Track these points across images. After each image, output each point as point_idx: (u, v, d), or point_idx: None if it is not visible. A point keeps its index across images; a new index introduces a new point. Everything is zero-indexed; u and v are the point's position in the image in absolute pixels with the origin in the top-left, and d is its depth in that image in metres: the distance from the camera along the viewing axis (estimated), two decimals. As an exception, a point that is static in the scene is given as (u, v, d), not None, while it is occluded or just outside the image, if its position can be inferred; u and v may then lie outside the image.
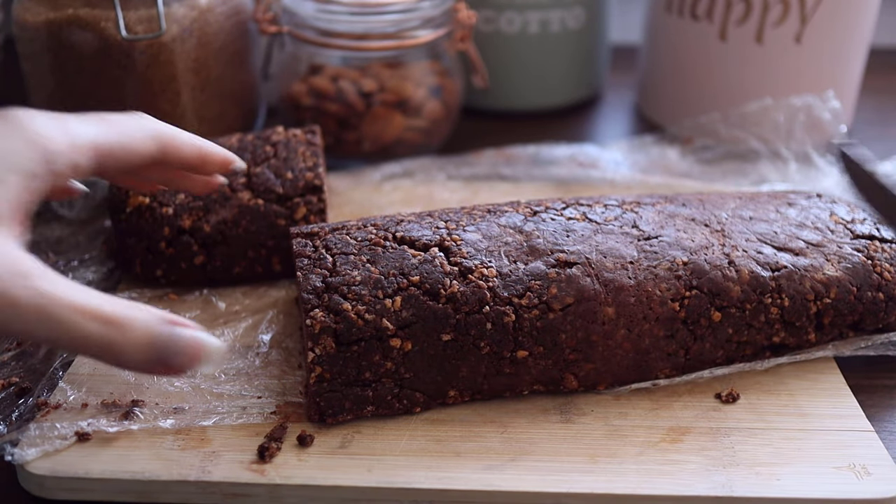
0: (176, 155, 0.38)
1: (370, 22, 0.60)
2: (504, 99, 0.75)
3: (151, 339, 0.31)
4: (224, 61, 0.59)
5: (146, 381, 0.42)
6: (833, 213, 0.47)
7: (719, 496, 0.36)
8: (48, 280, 0.29)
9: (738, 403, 0.41)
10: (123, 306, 0.31)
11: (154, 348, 0.31)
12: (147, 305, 0.32)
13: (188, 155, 0.38)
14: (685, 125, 0.68)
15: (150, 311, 0.31)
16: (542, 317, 0.39)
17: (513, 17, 0.71)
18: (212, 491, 0.36)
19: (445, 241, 0.42)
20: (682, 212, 0.45)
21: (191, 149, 0.38)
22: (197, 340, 0.32)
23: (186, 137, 0.38)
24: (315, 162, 0.51)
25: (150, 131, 0.36)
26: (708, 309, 0.41)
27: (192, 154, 0.38)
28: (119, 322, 0.30)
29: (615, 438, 0.39)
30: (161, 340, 0.31)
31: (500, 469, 0.37)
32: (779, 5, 0.63)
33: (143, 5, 0.54)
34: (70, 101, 0.57)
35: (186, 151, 0.38)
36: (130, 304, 0.31)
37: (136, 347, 0.31)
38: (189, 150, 0.38)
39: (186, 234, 0.48)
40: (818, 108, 0.63)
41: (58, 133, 0.32)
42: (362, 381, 0.39)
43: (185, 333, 0.32)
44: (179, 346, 0.31)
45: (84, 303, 0.30)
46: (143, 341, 0.31)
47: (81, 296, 0.30)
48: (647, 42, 0.73)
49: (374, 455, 0.38)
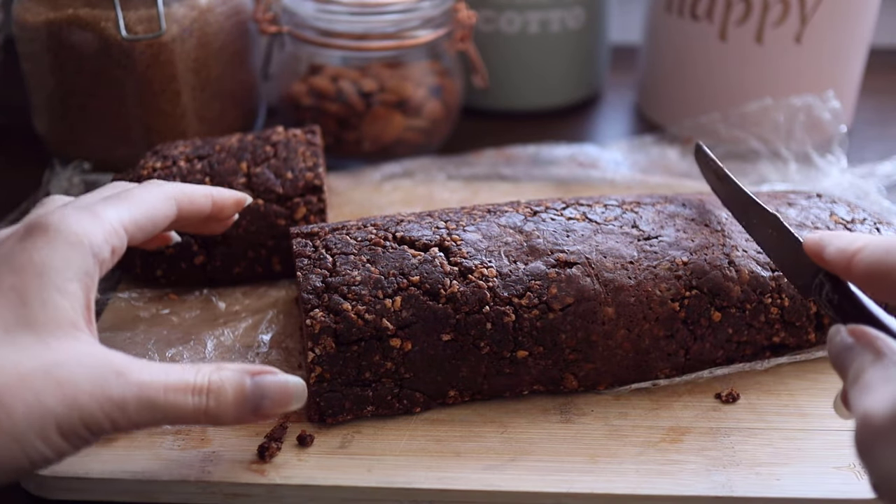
0: (192, 210, 0.40)
1: (370, 22, 0.60)
2: (504, 99, 0.75)
3: (243, 396, 0.34)
4: (224, 61, 0.59)
5: (146, 381, 0.42)
6: (833, 213, 0.47)
7: (719, 496, 0.36)
8: (140, 370, 0.32)
9: (738, 403, 0.41)
10: (209, 371, 0.33)
11: (247, 403, 0.34)
12: (229, 363, 0.34)
13: (203, 206, 0.40)
14: (685, 125, 0.68)
15: (234, 368, 0.34)
16: (542, 317, 0.39)
17: (513, 17, 0.71)
18: (212, 491, 0.36)
19: (445, 241, 0.42)
20: (682, 212, 0.45)
21: (204, 200, 0.40)
22: (283, 385, 0.35)
23: (199, 190, 0.40)
24: (315, 162, 0.51)
25: (167, 196, 0.38)
26: (708, 309, 0.41)
27: (207, 204, 0.40)
28: (210, 389, 0.33)
29: (615, 438, 0.39)
30: (252, 394, 0.34)
31: (499, 469, 0.37)
32: (779, 5, 0.63)
33: (143, 5, 0.54)
34: (70, 101, 0.57)
35: (201, 203, 0.40)
36: (215, 367, 0.34)
37: (231, 407, 0.33)
38: (203, 201, 0.40)
39: (186, 234, 0.48)
40: (818, 108, 0.63)
41: (93, 226, 0.34)
42: (362, 381, 0.39)
43: (270, 380, 0.34)
44: (269, 395, 0.34)
45: (176, 380, 0.32)
46: (236, 400, 0.33)
47: (172, 374, 0.32)
48: (647, 42, 0.73)
49: (374, 455, 0.38)
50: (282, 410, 0.35)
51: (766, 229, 0.41)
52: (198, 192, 0.40)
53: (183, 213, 0.39)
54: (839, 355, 0.32)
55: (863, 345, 0.31)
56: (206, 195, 0.41)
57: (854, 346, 0.32)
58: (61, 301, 0.31)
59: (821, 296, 0.35)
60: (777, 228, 0.40)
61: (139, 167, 0.50)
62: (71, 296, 0.32)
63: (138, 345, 0.44)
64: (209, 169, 0.50)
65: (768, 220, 0.40)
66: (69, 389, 0.30)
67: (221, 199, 0.42)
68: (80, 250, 0.33)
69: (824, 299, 0.35)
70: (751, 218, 0.42)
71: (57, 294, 0.31)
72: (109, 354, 0.32)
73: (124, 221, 0.35)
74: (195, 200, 0.40)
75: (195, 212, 0.40)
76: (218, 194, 0.41)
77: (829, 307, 0.35)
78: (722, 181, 0.45)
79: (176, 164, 0.50)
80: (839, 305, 0.34)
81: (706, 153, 0.47)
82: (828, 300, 0.35)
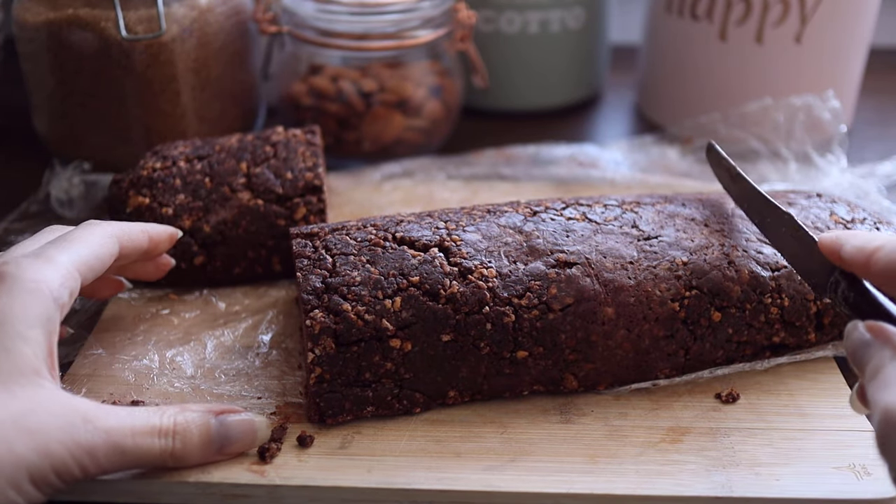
0: (132, 247, 0.41)
1: (370, 22, 0.60)
2: (504, 99, 0.75)
3: (209, 436, 0.35)
4: (224, 61, 0.59)
5: (146, 381, 0.42)
6: (833, 212, 0.47)
7: (719, 496, 0.36)
8: (106, 416, 0.32)
9: (737, 403, 0.41)
10: (174, 413, 0.34)
11: (213, 443, 0.35)
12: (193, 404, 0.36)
13: (141, 242, 0.41)
14: (685, 125, 0.68)
15: (198, 408, 0.35)
16: (541, 317, 0.39)
17: (513, 17, 0.71)
18: (212, 492, 0.36)
19: (445, 241, 0.41)
20: (682, 212, 0.45)
21: (141, 236, 0.41)
22: (247, 423, 0.36)
23: (135, 227, 0.41)
24: (315, 162, 0.51)
25: (109, 234, 0.39)
26: (708, 309, 0.41)
27: (144, 240, 0.42)
28: (176, 431, 0.34)
29: (615, 439, 0.39)
30: (217, 434, 0.35)
31: (499, 469, 0.37)
32: (779, 5, 0.63)
33: (143, 5, 0.54)
34: (70, 101, 0.57)
35: (139, 240, 0.41)
36: (179, 409, 0.35)
37: (198, 448, 0.35)
38: (140, 237, 0.41)
39: (186, 234, 0.48)
40: (818, 107, 0.63)
41: (50, 271, 0.34)
42: (362, 381, 0.39)
43: (234, 419, 0.36)
44: (234, 433, 0.36)
45: (142, 424, 0.33)
46: (202, 441, 0.35)
47: (138, 418, 0.33)
48: (647, 42, 0.73)
49: (374, 456, 0.38)
50: (246, 448, 0.37)
51: (780, 228, 0.41)
52: (135, 228, 0.41)
53: (124, 250, 0.40)
54: (857, 351, 0.32)
55: (882, 341, 0.31)
56: (143, 231, 0.42)
57: (873, 343, 0.32)
58: (24, 348, 0.32)
59: (836, 294, 0.36)
60: (792, 227, 0.40)
61: (139, 167, 0.50)
62: (34, 342, 0.32)
63: (138, 345, 0.44)
64: (209, 169, 0.50)
65: (783, 219, 0.40)
66: (40, 438, 0.30)
67: (157, 234, 0.43)
68: (39, 297, 0.33)
69: (840, 297, 0.35)
70: (764, 217, 0.42)
71: (20, 341, 0.32)
72: (75, 401, 0.32)
73: (76, 263, 0.36)
74: (133, 237, 0.41)
75: (134, 248, 0.41)
76: (153, 230, 0.43)
77: (844, 305, 0.35)
78: (735, 180, 0.45)
79: (176, 165, 0.50)
80: (855, 303, 0.34)
81: (719, 152, 0.47)
82: (843, 298, 0.35)
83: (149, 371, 0.42)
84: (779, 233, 0.41)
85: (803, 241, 0.39)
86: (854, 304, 0.35)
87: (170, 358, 0.43)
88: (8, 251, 0.37)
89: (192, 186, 0.49)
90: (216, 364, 0.43)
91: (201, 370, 0.43)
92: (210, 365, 0.43)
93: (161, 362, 0.43)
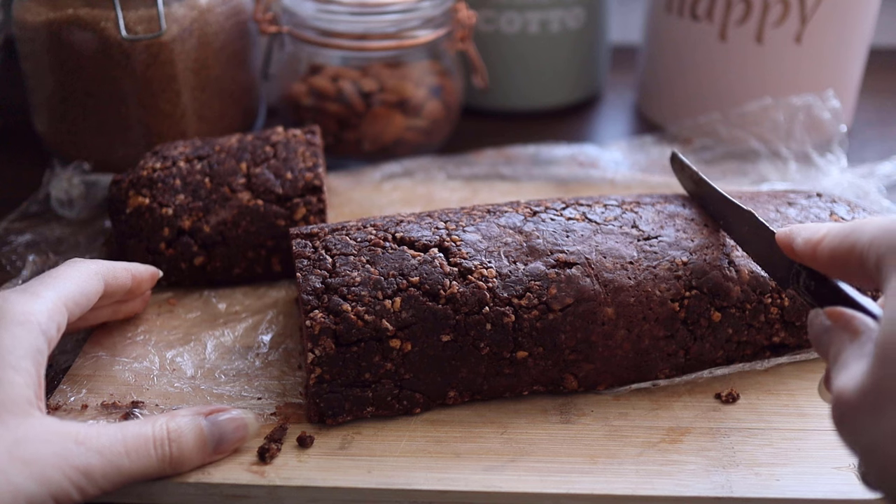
0: (116, 284, 0.41)
1: (370, 22, 0.60)
2: (504, 99, 0.75)
3: (202, 437, 0.36)
4: (224, 61, 0.59)
5: (146, 382, 0.42)
6: (833, 212, 0.47)
7: (719, 497, 0.36)
8: (98, 436, 0.33)
9: (737, 403, 0.41)
10: (164, 421, 0.35)
11: (208, 443, 0.36)
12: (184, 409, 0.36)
13: (125, 280, 0.42)
14: (685, 125, 0.68)
15: (186, 412, 0.36)
16: (541, 317, 0.39)
17: (513, 17, 0.71)
18: (212, 492, 0.36)
19: (445, 241, 0.41)
20: (682, 212, 0.45)
21: (125, 273, 0.42)
22: (237, 419, 0.37)
23: (119, 265, 0.42)
24: (315, 162, 0.51)
25: (94, 272, 0.40)
26: (708, 309, 0.41)
27: (128, 278, 0.43)
28: (170, 438, 0.35)
29: (615, 439, 0.39)
30: (210, 433, 0.36)
31: (499, 470, 0.37)
32: (779, 5, 0.63)
33: (143, 5, 0.54)
34: (70, 101, 0.57)
35: (123, 277, 0.42)
36: (168, 416, 0.35)
37: (194, 451, 0.35)
38: (124, 275, 0.42)
39: (186, 234, 0.48)
40: (818, 107, 0.63)
41: (38, 305, 0.35)
42: (362, 381, 0.39)
43: (225, 417, 0.37)
44: (226, 430, 0.36)
45: (135, 437, 0.33)
46: (197, 443, 0.35)
47: (130, 432, 0.34)
48: (647, 42, 0.73)
49: (374, 456, 0.38)
50: (240, 444, 0.37)
51: (742, 227, 0.41)
52: (118, 267, 0.42)
53: (108, 288, 0.41)
54: (819, 338, 0.33)
55: (840, 326, 0.32)
56: (126, 270, 0.42)
57: (832, 328, 0.32)
58: (16, 378, 0.32)
59: (798, 284, 0.36)
60: (752, 224, 0.40)
61: (139, 167, 0.50)
62: (24, 373, 0.33)
63: (138, 345, 0.44)
64: (209, 169, 0.50)
65: (744, 217, 0.41)
66: (36, 466, 0.31)
67: (139, 273, 0.44)
68: (28, 329, 0.34)
69: (802, 287, 0.36)
70: (727, 217, 0.43)
71: (11, 372, 0.32)
72: (66, 426, 0.33)
73: (63, 298, 0.37)
74: (118, 275, 0.42)
75: (119, 286, 0.42)
76: (135, 269, 0.43)
77: (807, 294, 0.36)
78: (698, 185, 0.46)
79: (175, 165, 0.50)
80: (817, 292, 0.35)
81: (681, 160, 0.48)
82: (805, 288, 0.36)
83: (149, 372, 0.42)
84: (741, 231, 0.42)
85: (764, 236, 0.39)
86: (816, 293, 0.35)
87: (170, 359, 0.43)
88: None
89: (191, 187, 0.49)
90: (216, 364, 0.43)
91: (201, 371, 0.43)
92: (210, 365, 0.43)
93: (161, 363, 0.43)
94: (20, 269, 0.51)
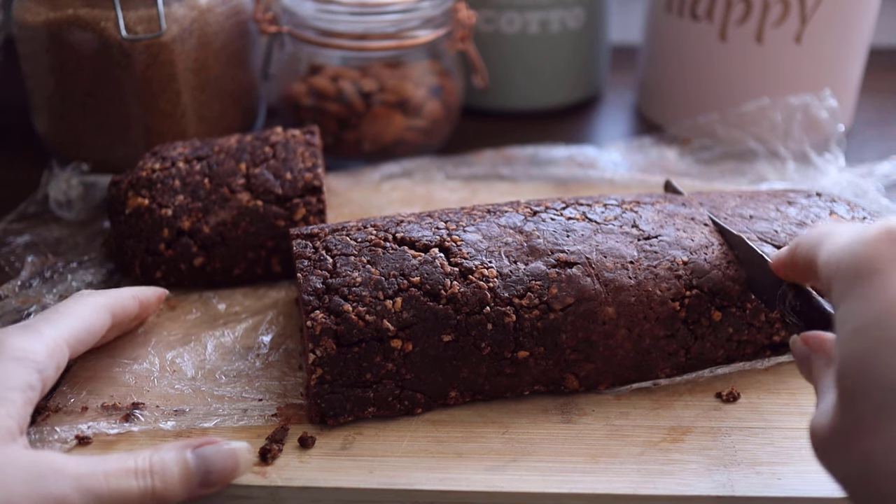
0: (124, 315, 0.42)
1: (370, 22, 0.60)
2: (504, 99, 0.75)
3: (188, 471, 0.34)
4: (224, 61, 0.59)
5: (146, 383, 0.42)
6: (833, 211, 0.47)
7: (721, 496, 0.36)
8: (77, 464, 0.32)
9: (738, 402, 0.41)
10: (148, 454, 0.34)
11: (194, 477, 0.34)
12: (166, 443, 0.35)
13: (132, 309, 0.42)
14: (683, 126, 0.68)
15: (172, 446, 0.34)
16: (542, 317, 0.39)
17: (513, 17, 0.71)
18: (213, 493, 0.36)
19: (445, 241, 0.41)
20: (682, 211, 0.45)
21: (132, 302, 0.42)
22: (227, 452, 0.35)
23: (125, 294, 0.42)
24: (314, 163, 0.51)
25: (101, 306, 0.40)
26: (708, 308, 0.41)
27: (135, 306, 0.43)
28: (153, 470, 0.33)
29: (616, 438, 0.39)
30: (196, 468, 0.34)
31: (501, 470, 0.37)
32: (779, 5, 0.63)
33: (143, 5, 0.54)
34: (70, 101, 0.57)
35: (130, 307, 0.42)
36: (153, 450, 0.34)
37: (178, 485, 0.34)
38: (131, 304, 0.42)
39: (186, 235, 0.48)
40: (815, 107, 0.63)
41: (38, 344, 0.35)
42: (363, 382, 0.39)
43: (213, 450, 0.35)
44: (214, 465, 0.34)
45: (115, 466, 0.33)
46: (182, 477, 0.34)
47: (110, 461, 0.33)
48: (647, 42, 0.73)
49: (376, 456, 0.38)
50: (230, 479, 0.35)
51: (732, 249, 0.42)
52: (125, 296, 0.42)
53: (116, 319, 0.41)
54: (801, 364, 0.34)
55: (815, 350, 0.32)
56: (133, 297, 0.42)
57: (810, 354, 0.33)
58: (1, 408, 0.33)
59: (785, 305, 0.37)
60: (743, 248, 0.41)
61: (138, 168, 0.50)
62: (10, 404, 0.33)
63: (138, 346, 0.44)
64: (208, 170, 0.49)
65: (735, 240, 0.42)
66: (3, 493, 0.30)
67: (146, 297, 0.44)
68: (24, 365, 0.34)
69: (788, 308, 0.36)
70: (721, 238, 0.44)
71: None
72: (43, 454, 0.32)
73: (66, 337, 0.37)
74: (126, 306, 0.42)
75: (126, 316, 0.42)
76: (142, 294, 0.43)
77: (793, 315, 0.36)
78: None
79: (175, 166, 0.50)
80: (802, 311, 0.35)
81: (675, 187, 0.50)
82: (791, 308, 0.36)
83: (149, 373, 0.42)
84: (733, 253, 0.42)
85: (754, 259, 0.40)
86: (801, 313, 0.35)
87: (170, 360, 0.43)
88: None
89: (191, 187, 0.49)
90: (217, 365, 0.43)
91: (202, 371, 0.43)
92: (210, 366, 0.43)
93: (161, 364, 0.43)
94: (19, 270, 0.51)
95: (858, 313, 0.27)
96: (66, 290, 0.49)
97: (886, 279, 0.27)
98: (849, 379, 0.27)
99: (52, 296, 0.49)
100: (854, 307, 0.27)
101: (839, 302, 0.28)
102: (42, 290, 0.49)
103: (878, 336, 0.26)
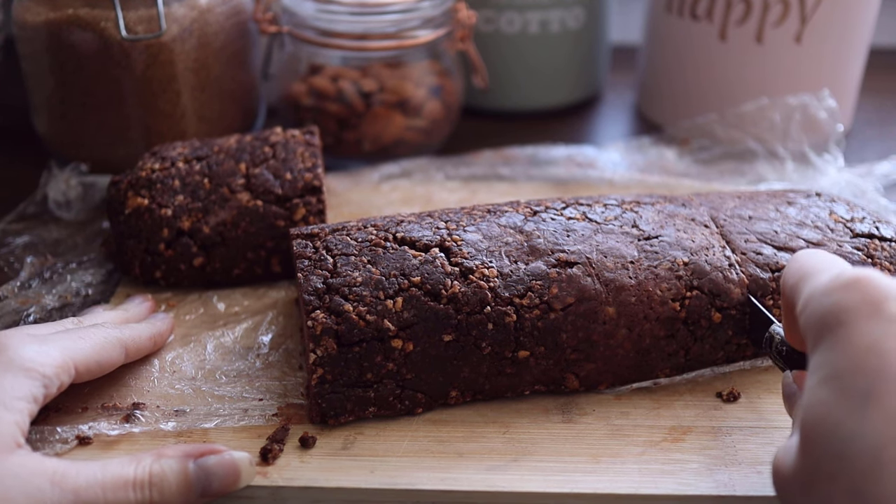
0: (137, 354, 0.41)
1: (370, 22, 0.60)
2: (504, 99, 0.75)
3: (187, 483, 0.34)
4: (224, 61, 0.59)
5: (147, 383, 0.42)
6: (832, 211, 0.47)
7: (722, 495, 0.36)
8: (76, 475, 0.32)
9: (739, 402, 0.41)
10: (149, 462, 0.33)
11: (193, 489, 0.34)
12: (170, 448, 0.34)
13: (146, 348, 0.42)
14: (682, 126, 0.68)
15: (174, 454, 0.34)
16: (543, 317, 0.39)
17: (513, 17, 0.71)
18: (213, 496, 0.36)
19: (446, 241, 0.41)
20: (682, 211, 0.45)
21: (148, 343, 0.42)
22: (229, 462, 0.35)
23: (144, 335, 0.42)
24: (314, 163, 0.51)
25: (119, 342, 0.40)
26: (708, 310, 0.41)
27: (150, 348, 0.42)
28: (151, 482, 0.33)
29: (617, 438, 0.39)
30: (196, 479, 0.34)
31: (502, 469, 0.37)
32: (779, 5, 0.63)
33: (143, 5, 0.54)
34: (70, 101, 0.57)
35: (145, 348, 0.42)
36: (155, 456, 0.34)
37: (177, 496, 0.33)
38: (147, 344, 0.42)
39: (185, 235, 0.48)
40: (814, 107, 0.63)
41: (48, 359, 0.35)
42: (364, 382, 0.39)
43: (215, 460, 0.34)
44: (215, 475, 0.34)
45: (114, 478, 0.32)
46: (180, 488, 0.33)
47: (109, 472, 0.33)
48: (647, 42, 0.73)
49: (377, 456, 0.38)
50: (231, 489, 0.35)
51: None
52: (143, 337, 0.42)
53: (128, 359, 0.41)
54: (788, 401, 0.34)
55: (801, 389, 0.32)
56: (150, 338, 0.42)
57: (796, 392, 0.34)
58: (7, 416, 0.33)
59: (771, 348, 0.38)
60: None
61: (138, 168, 0.50)
62: (17, 412, 0.33)
63: (139, 346, 0.44)
64: (208, 170, 0.49)
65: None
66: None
67: (159, 332, 0.43)
68: (31, 377, 0.34)
69: (774, 351, 0.38)
70: None
71: (3, 410, 0.33)
72: (44, 463, 0.32)
73: (77, 360, 0.37)
74: (141, 348, 0.42)
75: (138, 355, 0.42)
76: (158, 333, 0.43)
77: (779, 359, 0.37)
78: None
79: (174, 166, 0.50)
80: (787, 356, 0.37)
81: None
82: (777, 352, 0.37)
83: (149, 373, 0.42)
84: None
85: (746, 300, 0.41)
86: (787, 357, 0.37)
87: (170, 360, 0.43)
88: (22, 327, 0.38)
89: (191, 187, 0.49)
90: (217, 365, 0.43)
91: (202, 372, 0.43)
92: (210, 366, 0.43)
93: (161, 364, 0.43)
94: (18, 270, 0.51)
95: (823, 365, 0.28)
96: (66, 291, 0.49)
97: (850, 331, 0.28)
98: (809, 426, 0.28)
99: (52, 296, 0.48)
100: (821, 359, 0.29)
101: (812, 351, 0.30)
102: (41, 291, 0.49)
103: (839, 387, 0.27)
